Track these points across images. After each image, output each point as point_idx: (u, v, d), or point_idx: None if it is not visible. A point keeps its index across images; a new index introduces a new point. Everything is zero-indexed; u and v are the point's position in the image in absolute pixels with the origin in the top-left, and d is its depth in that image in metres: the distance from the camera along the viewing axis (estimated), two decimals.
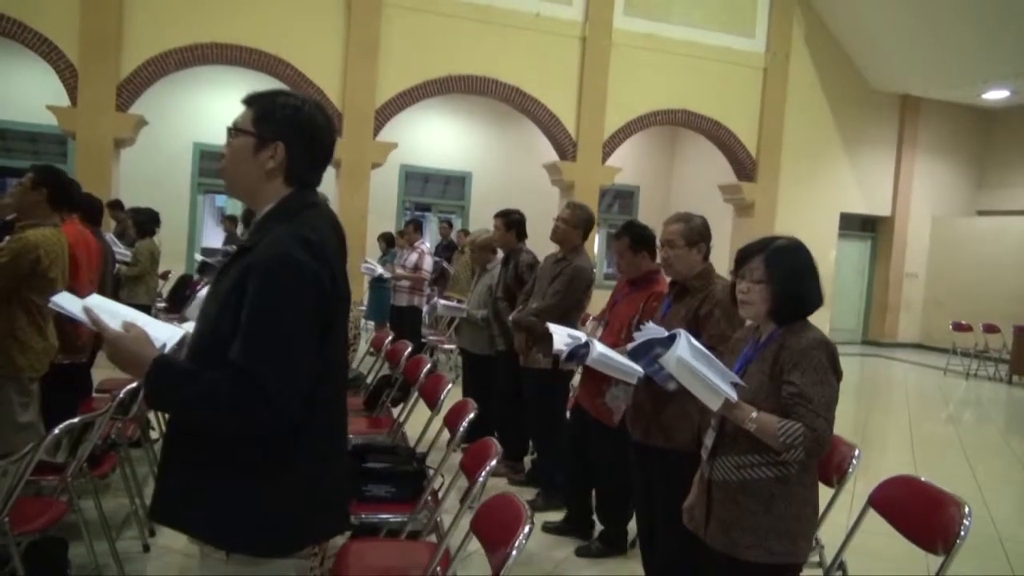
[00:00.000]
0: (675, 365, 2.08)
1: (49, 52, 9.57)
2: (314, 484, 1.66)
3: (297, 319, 1.56)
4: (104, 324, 1.59)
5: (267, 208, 1.71)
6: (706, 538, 2.29)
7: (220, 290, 1.65)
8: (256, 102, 1.72)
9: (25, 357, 3.43)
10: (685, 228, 3.06)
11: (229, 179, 1.74)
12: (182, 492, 1.64)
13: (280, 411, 1.52)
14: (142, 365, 1.55)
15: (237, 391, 1.50)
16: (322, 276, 1.61)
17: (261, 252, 1.58)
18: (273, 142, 1.68)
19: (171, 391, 1.56)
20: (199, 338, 1.65)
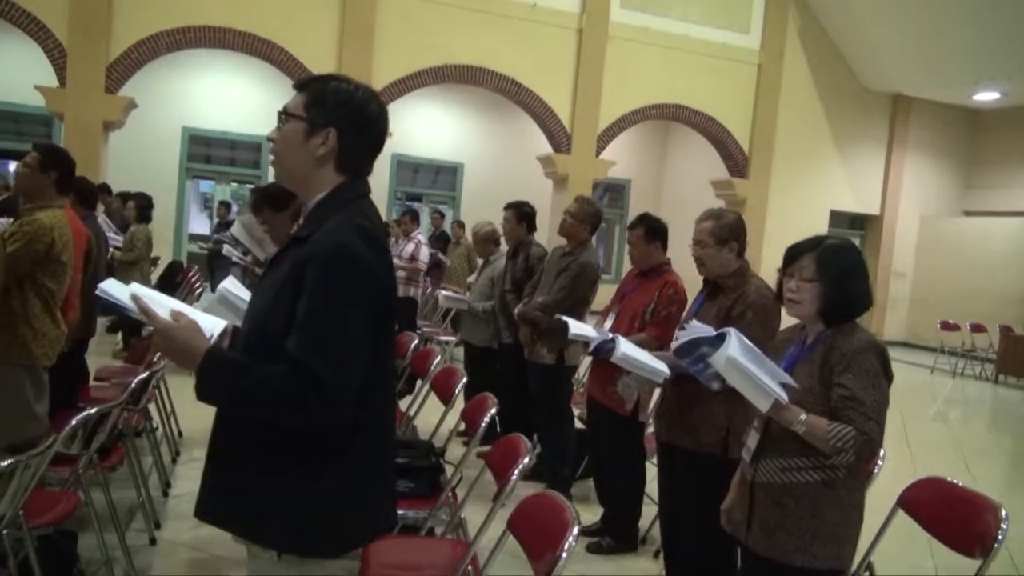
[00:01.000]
0: (724, 364, 2.04)
1: (37, 31, 9.37)
2: (365, 484, 1.62)
3: (355, 313, 1.51)
4: (154, 313, 1.52)
5: (319, 197, 1.65)
6: (747, 540, 2.26)
7: (272, 281, 1.59)
8: (308, 87, 1.66)
9: (39, 345, 3.34)
10: (715, 225, 3.02)
11: (279, 166, 1.67)
12: (231, 492, 1.59)
13: (335, 407, 1.47)
14: (194, 356, 1.49)
15: (293, 385, 1.44)
16: (379, 268, 1.57)
17: (318, 243, 1.53)
18: (325, 128, 1.62)
19: (224, 384, 1.50)
20: (252, 330, 1.60)
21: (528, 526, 2.07)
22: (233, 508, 1.59)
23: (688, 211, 5.90)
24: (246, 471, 1.57)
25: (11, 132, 12.01)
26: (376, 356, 1.58)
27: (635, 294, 3.96)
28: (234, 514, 1.60)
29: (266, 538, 1.57)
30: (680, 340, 2.22)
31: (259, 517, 1.56)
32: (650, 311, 3.80)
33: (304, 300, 1.49)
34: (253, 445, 1.56)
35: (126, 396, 2.95)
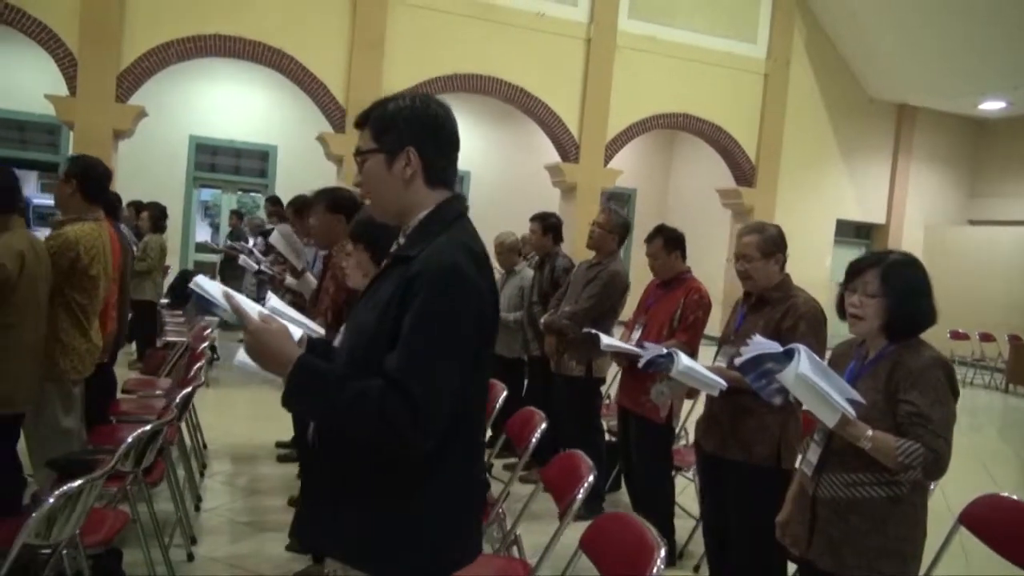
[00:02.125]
0: (794, 380, 2.03)
1: (48, 40, 9.34)
2: (459, 510, 1.61)
3: (457, 334, 1.49)
4: (247, 313, 1.50)
5: (420, 216, 1.63)
6: (808, 555, 2.25)
7: (377, 298, 1.58)
8: (369, 120, 1.64)
9: (68, 359, 3.31)
10: (760, 239, 3.02)
11: (376, 203, 1.66)
12: (329, 517, 1.58)
13: (424, 429, 1.44)
14: (284, 363, 1.47)
15: (384, 403, 1.41)
16: (484, 290, 1.55)
17: (427, 262, 1.51)
18: (402, 149, 1.60)
19: (313, 394, 1.47)
20: (356, 346, 1.58)
21: (607, 548, 2.04)
22: (331, 534, 1.57)
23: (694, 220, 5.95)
24: (344, 497, 1.56)
25: (16, 140, 11.96)
26: (473, 380, 1.56)
27: (660, 304, 4.01)
28: (332, 540, 1.58)
29: (366, 563, 1.55)
30: (744, 356, 2.21)
31: (359, 542, 1.54)
32: (677, 318, 3.85)
33: (408, 319, 1.47)
34: (351, 471, 1.55)
35: (176, 412, 2.91)
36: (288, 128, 12.75)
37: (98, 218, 3.61)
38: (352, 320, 1.68)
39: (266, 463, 5.02)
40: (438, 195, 1.65)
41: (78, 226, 3.41)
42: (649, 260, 4.04)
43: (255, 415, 6.11)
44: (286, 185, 12.14)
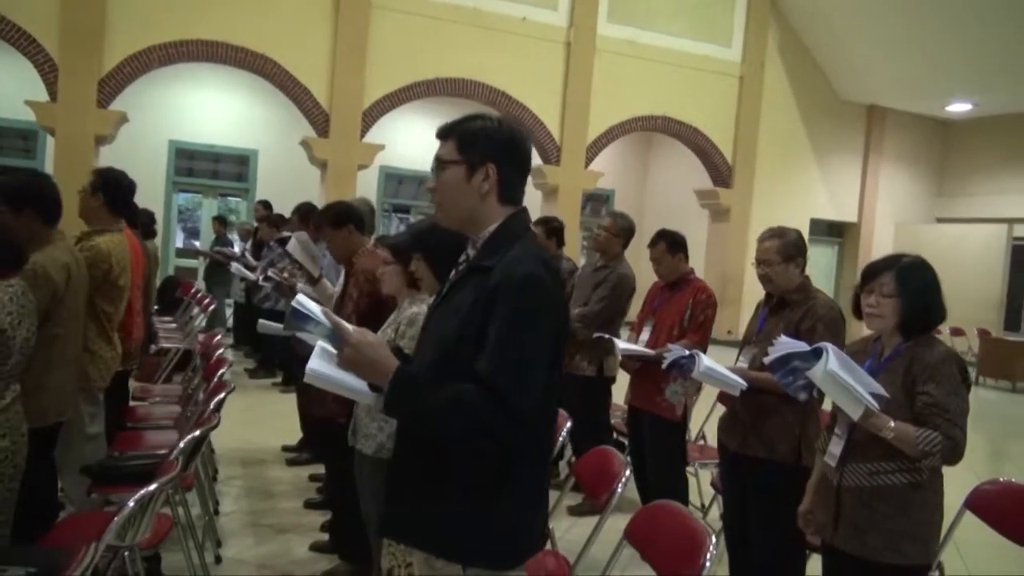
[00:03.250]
0: (822, 377, 2.18)
1: (28, 46, 9.26)
2: (535, 499, 1.73)
3: (541, 339, 1.61)
4: (346, 327, 1.60)
5: (490, 228, 1.74)
6: (834, 541, 2.40)
7: (455, 307, 1.68)
8: (453, 132, 1.74)
9: (96, 368, 3.36)
10: (780, 244, 3.15)
11: (446, 210, 1.75)
12: (416, 509, 1.68)
13: (520, 429, 1.56)
14: (385, 373, 1.57)
15: (482, 406, 1.52)
16: (559, 298, 1.67)
17: (507, 272, 1.61)
18: (483, 165, 1.71)
19: (414, 401, 1.58)
20: (438, 352, 1.67)
21: (655, 538, 2.15)
22: (420, 526, 1.68)
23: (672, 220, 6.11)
24: (432, 490, 1.65)
25: None
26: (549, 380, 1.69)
27: (667, 305, 4.15)
28: (421, 532, 1.68)
29: (453, 553, 1.66)
30: (772, 355, 2.35)
31: (447, 533, 1.64)
32: (687, 318, 3.99)
33: (495, 326, 1.57)
34: (437, 465, 1.65)
35: (219, 419, 2.98)
36: (269, 132, 12.73)
37: (120, 229, 3.67)
38: (430, 328, 1.77)
39: (275, 467, 5.08)
40: (506, 210, 1.76)
41: (107, 237, 3.46)
42: (653, 264, 4.17)
43: (254, 420, 6.14)
44: (267, 189, 12.13)
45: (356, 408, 3.08)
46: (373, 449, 2.96)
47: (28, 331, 2.53)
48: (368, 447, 2.97)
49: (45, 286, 2.86)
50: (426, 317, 1.84)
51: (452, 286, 1.76)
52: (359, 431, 3.04)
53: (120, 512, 2.05)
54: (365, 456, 3.01)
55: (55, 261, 2.97)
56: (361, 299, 3.37)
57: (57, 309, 2.95)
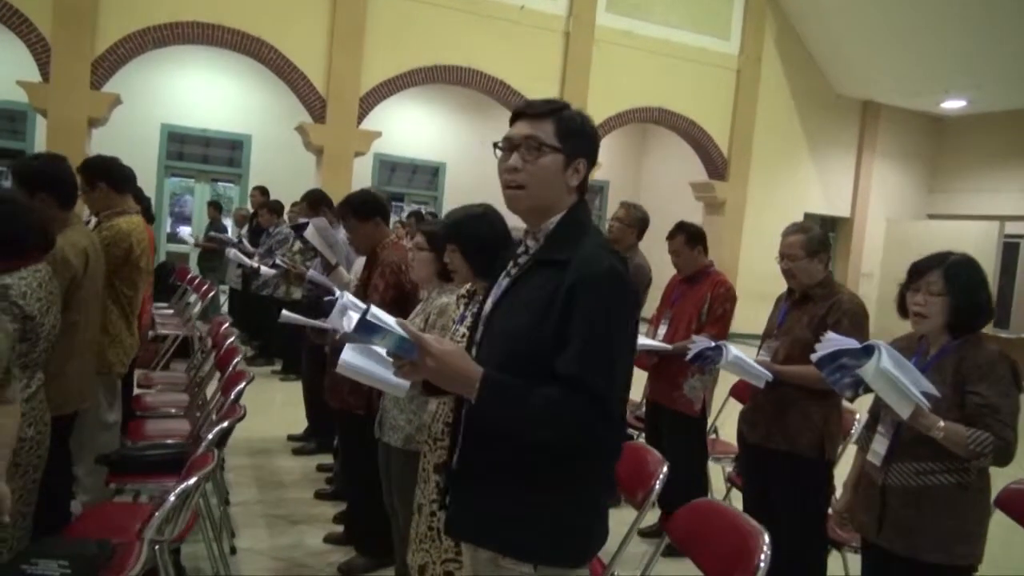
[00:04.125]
0: (873, 374, 2.16)
1: (20, 25, 9.06)
2: (606, 494, 1.70)
3: (624, 334, 1.59)
4: (425, 339, 1.53)
5: (553, 220, 1.70)
6: (879, 540, 2.39)
7: (525, 300, 1.63)
8: (554, 115, 1.67)
9: (115, 351, 3.31)
10: (805, 239, 3.14)
11: (528, 195, 1.66)
12: (487, 508, 1.64)
13: (615, 426, 1.55)
14: (469, 381, 1.51)
15: (577, 406, 1.49)
16: (636, 290, 1.64)
17: (585, 266, 1.57)
18: (576, 158, 1.67)
19: (503, 407, 1.53)
20: (509, 349, 1.62)
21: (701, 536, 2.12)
22: (490, 526, 1.64)
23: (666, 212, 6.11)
24: (504, 489, 1.62)
25: None
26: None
27: (685, 299, 4.13)
28: (491, 531, 1.64)
29: (525, 552, 1.62)
30: (821, 351, 2.33)
31: (518, 532, 1.60)
32: (705, 311, 3.97)
33: (580, 322, 1.53)
34: (511, 462, 1.61)
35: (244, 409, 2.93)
36: (262, 117, 12.59)
37: (137, 211, 3.60)
38: (496, 322, 1.72)
39: (282, 456, 5.03)
40: (571, 202, 1.72)
41: (125, 218, 3.40)
42: (672, 257, 4.15)
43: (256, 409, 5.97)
44: (260, 175, 12.01)
45: (383, 400, 3.05)
46: (401, 441, 2.93)
47: (55, 318, 2.47)
48: (396, 439, 2.94)
49: (64, 271, 2.80)
50: (486, 311, 1.78)
51: (517, 280, 1.71)
52: (385, 423, 3.00)
53: (161, 506, 2.00)
54: (392, 448, 2.98)
55: (74, 245, 2.90)
56: (387, 290, 3.32)
57: (76, 294, 2.89)
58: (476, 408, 1.54)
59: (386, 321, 1.57)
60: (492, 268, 2.49)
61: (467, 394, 1.54)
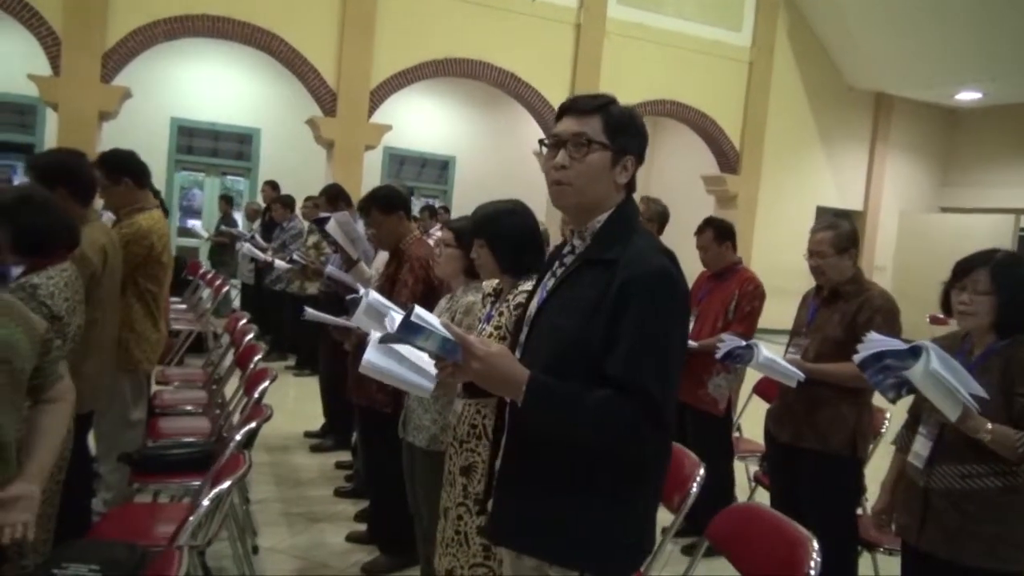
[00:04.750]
0: (922, 376, 2.10)
1: (30, 18, 9.03)
2: (656, 501, 1.66)
3: (676, 336, 1.55)
4: (471, 340, 1.49)
5: (600, 219, 1.65)
6: (921, 543, 2.34)
7: (573, 299, 1.58)
8: (601, 111, 1.61)
9: (141, 349, 3.27)
10: (834, 235, 3.08)
11: (574, 192, 1.62)
12: (533, 515, 1.60)
13: (665, 429, 1.50)
14: (516, 384, 1.47)
15: (629, 409, 1.45)
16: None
17: (636, 266, 1.52)
18: (625, 156, 1.62)
19: (550, 411, 1.49)
20: (556, 349, 1.58)
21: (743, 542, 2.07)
22: (536, 533, 1.59)
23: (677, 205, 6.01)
24: (550, 494, 1.57)
25: None
26: None
27: (713, 295, 4.08)
28: (536, 539, 1.60)
29: (572, 560, 1.57)
30: (864, 352, 2.27)
31: (565, 540, 1.56)
32: (732, 308, 3.91)
33: (631, 322, 1.49)
34: (558, 467, 1.56)
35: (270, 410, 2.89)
36: (272, 111, 12.54)
37: (157, 205, 3.56)
38: (542, 322, 1.67)
39: (299, 453, 5.00)
40: (618, 201, 1.67)
41: (146, 215, 3.36)
42: (700, 252, 4.09)
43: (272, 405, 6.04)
44: (270, 169, 11.95)
45: (407, 400, 3.00)
46: (426, 442, 2.89)
47: (81, 317, 2.43)
48: (420, 439, 2.90)
49: (84, 268, 2.76)
50: (531, 312, 1.73)
51: (564, 280, 1.66)
52: (410, 423, 2.96)
53: (196, 511, 1.97)
54: (417, 448, 2.93)
55: (93, 243, 2.86)
56: (416, 285, 3.28)
57: (95, 292, 2.85)
58: (522, 412, 1.49)
59: (430, 322, 1.53)
60: (520, 264, 2.46)
61: (513, 397, 1.50)
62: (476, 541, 2.36)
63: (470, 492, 2.38)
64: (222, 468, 2.34)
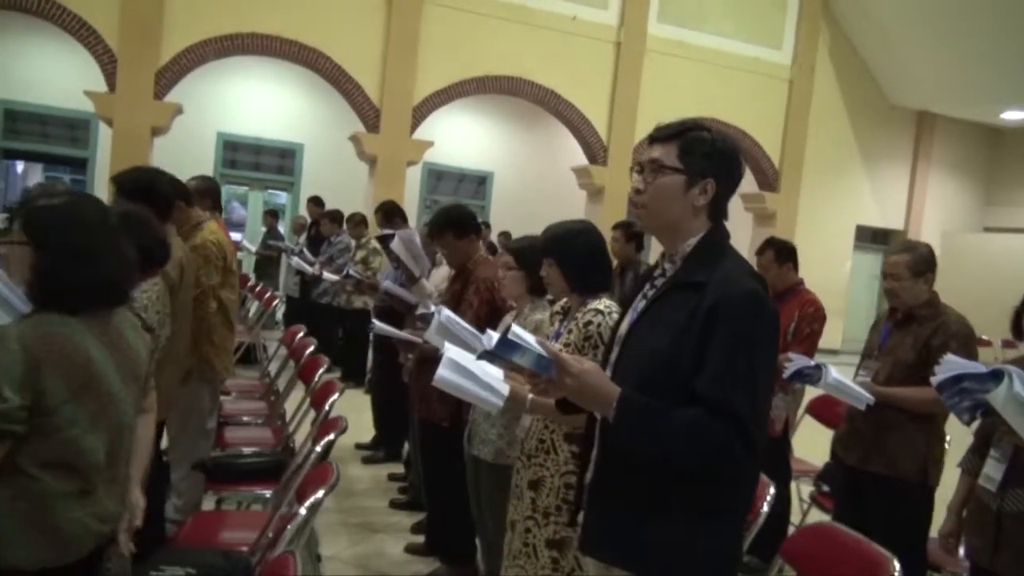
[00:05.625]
0: (1004, 400, 2.11)
1: (88, 36, 9.33)
2: (743, 520, 1.70)
3: (766, 357, 1.59)
4: (566, 359, 1.55)
5: (690, 241, 1.70)
6: (995, 567, 2.34)
7: (666, 323, 1.64)
8: (678, 138, 1.70)
9: (220, 359, 3.38)
10: (911, 258, 3.07)
11: (652, 215, 1.71)
12: (624, 530, 1.65)
13: (755, 448, 1.54)
14: (608, 400, 1.54)
15: (718, 428, 1.50)
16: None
17: (725, 289, 1.58)
18: (704, 179, 1.68)
19: (642, 428, 1.54)
20: (647, 368, 1.63)
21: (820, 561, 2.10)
22: (628, 548, 1.64)
23: None
24: (641, 511, 1.62)
25: (37, 134, 11.89)
26: None
27: None
28: (629, 554, 1.65)
29: (663, 574, 1.62)
30: (942, 374, 2.29)
31: (657, 557, 1.61)
32: (792, 330, 3.91)
33: (721, 343, 1.53)
34: (649, 484, 1.61)
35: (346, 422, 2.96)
36: (315, 126, 12.76)
37: (209, 217, 3.68)
38: (633, 343, 1.73)
39: (352, 464, 5.08)
40: (707, 225, 1.72)
41: (207, 228, 3.47)
42: (760, 272, 4.10)
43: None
44: (313, 184, 12.16)
45: (473, 414, 3.06)
46: (492, 455, 2.94)
47: (168, 330, 2.53)
48: (487, 453, 2.95)
49: (165, 282, 2.86)
50: (622, 332, 1.79)
51: (654, 301, 1.72)
52: (475, 436, 3.02)
53: (293, 519, 2.05)
54: (482, 462, 2.98)
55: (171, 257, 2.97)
56: (481, 307, 3.34)
57: (173, 304, 2.95)
58: (613, 428, 1.55)
59: (526, 340, 1.60)
60: (588, 283, 2.53)
61: (604, 413, 1.56)
62: (544, 553, 2.40)
63: (538, 505, 2.43)
64: (310, 478, 2.42)
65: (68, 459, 1.63)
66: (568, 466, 2.39)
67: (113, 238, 1.74)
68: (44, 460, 1.60)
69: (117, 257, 1.73)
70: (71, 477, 1.64)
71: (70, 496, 1.64)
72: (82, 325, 1.66)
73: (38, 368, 1.55)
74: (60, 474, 1.62)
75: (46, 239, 1.63)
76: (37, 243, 1.62)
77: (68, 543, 1.65)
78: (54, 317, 1.63)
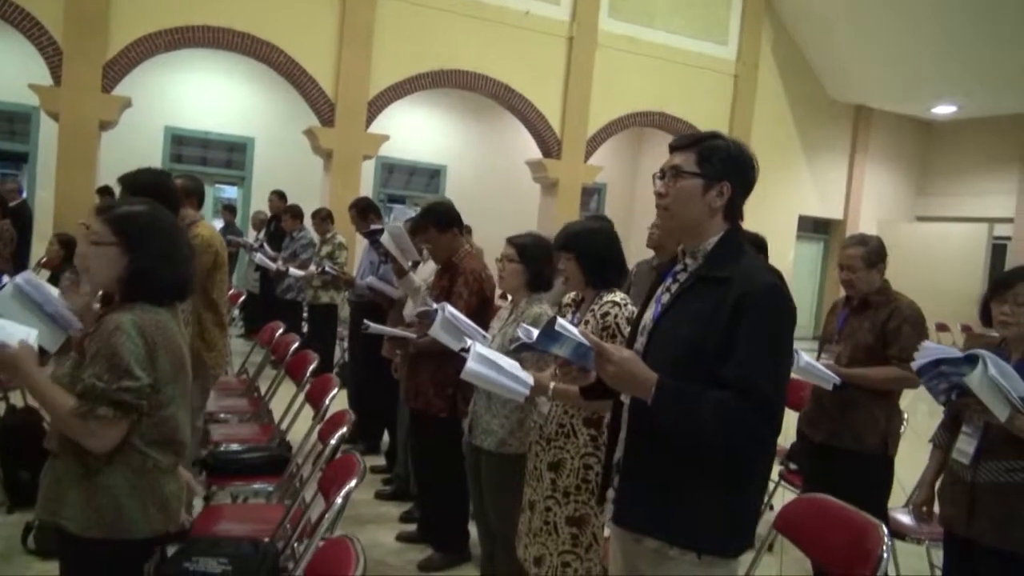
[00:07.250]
0: (979, 382, 2.33)
1: (32, 28, 9.05)
2: (763, 489, 1.86)
3: (787, 344, 1.76)
4: (606, 347, 1.71)
5: (711, 241, 1.86)
6: (970, 533, 2.56)
7: (694, 314, 1.78)
8: (696, 145, 1.86)
9: (211, 355, 3.42)
10: (864, 251, 3.34)
11: (672, 217, 1.88)
12: (657, 502, 1.80)
13: (776, 428, 1.70)
14: (646, 385, 1.69)
15: (750, 412, 1.66)
16: (794, 304, 1.81)
17: (749, 283, 1.74)
18: (719, 183, 1.83)
19: (678, 410, 1.69)
20: (677, 355, 1.77)
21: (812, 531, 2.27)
22: (660, 518, 1.79)
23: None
24: (674, 484, 1.77)
25: None
26: None
27: None
28: (660, 523, 1.80)
29: (692, 542, 1.77)
30: (921, 360, 2.50)
31: (686, 524, 1.77)
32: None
33: (748, 331, 1.70)
34: (681, 460, 1.76)
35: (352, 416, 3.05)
36: (267, 120, 12.62)
37: (202, 216, 3.71)
38: (661, 332, 1.87)
39: None
40: (724, 225, 1.88)
41: (202, 225, 3.51)
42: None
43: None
44: (264, 178, 12.06)
45: (473, 406, 3.17)
46: (495, 445, 3.05)
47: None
48: (489, 443, 3.06)
49: None
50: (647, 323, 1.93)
51: (679, 294, 1.86)
52: (477, 427, 3.13)
53: (331, 508, 2.14)
54: (484, 451, 3.10)
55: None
56: (471, 298, 3.45)
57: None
58: (652, 409, 1.69)
59: (570, 330, 1.74)
60: (604, 277, 2.67)
61: (643, 396, 1.71)
62: (565, 530, 2.55)
63: (559, 485, 2.57)
64: (335, 469, 2.51)
65: (168, 435, 1.84)
66: (587, 448, 2.54)
67: (186, 241, 1.93)
68: (151, 438, 1.82)
69: (191, 258, 1.93)
70: (168, 453, 1.86)
71: (169, 470, 1.87)
72: (169, 315, 1.87)
73: (154, 350, 1.77)
74: (162, 450, 1.84)
75: (140, 242, 1.80)
76: (130, 246, 1.80)
77: (174, 512, 1.88)
78: (151, 308, 1.82)
